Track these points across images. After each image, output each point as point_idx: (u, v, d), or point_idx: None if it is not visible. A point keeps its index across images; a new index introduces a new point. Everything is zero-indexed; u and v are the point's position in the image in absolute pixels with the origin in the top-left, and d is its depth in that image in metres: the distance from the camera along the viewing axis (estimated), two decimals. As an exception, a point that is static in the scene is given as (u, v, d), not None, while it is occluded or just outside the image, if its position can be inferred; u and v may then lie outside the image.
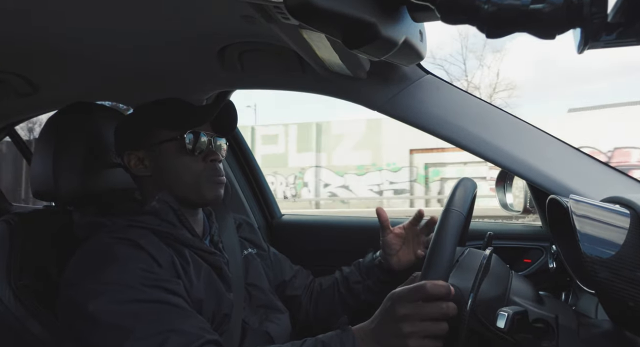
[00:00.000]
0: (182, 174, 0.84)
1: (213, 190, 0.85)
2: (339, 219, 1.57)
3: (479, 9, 0.40)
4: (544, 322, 0.67)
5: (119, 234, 0.76)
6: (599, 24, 0.37)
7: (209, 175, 0.85)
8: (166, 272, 0.74)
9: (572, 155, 0.85)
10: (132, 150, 0.86)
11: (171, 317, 0.68)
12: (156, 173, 0.85)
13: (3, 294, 0.81)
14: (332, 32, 0.52)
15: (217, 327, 0.79)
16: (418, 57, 0.75)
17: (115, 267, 0.71)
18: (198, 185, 0.84)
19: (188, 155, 0.84)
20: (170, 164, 0.84)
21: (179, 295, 0.72)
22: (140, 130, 0.87)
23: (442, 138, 0.87)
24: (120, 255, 0.72)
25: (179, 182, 0.84)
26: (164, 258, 0.75)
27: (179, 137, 0.83)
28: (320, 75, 0.92)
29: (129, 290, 0.68)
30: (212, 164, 0.86)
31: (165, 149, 0.84)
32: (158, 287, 0.70)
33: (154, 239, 0.78)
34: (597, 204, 0.62)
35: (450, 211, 0.71)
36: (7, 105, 1.25)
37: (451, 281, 0.70)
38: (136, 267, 0.71)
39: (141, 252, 0.74)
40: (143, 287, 0.69)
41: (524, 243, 1.20)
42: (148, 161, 0.85)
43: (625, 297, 0.53)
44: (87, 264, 0.74)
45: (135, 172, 0.87)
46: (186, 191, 0.84)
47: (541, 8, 0.38)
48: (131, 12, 0.77)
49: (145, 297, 0.68)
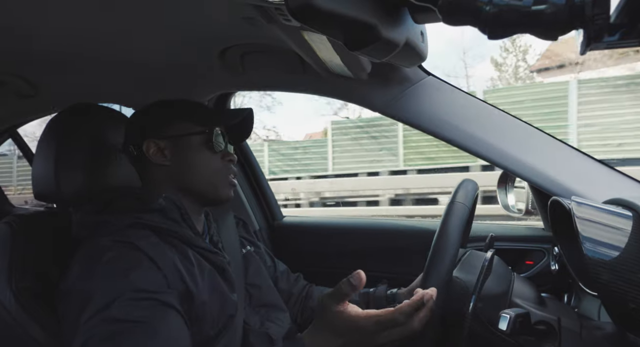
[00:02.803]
0: (202, 168, 0.86)
1: (227, 189, 0.88)
2: (340, 221, 1.57)
3: (480, 10, 0.40)
4: (546, 325, 0.66)
5: (119, 237, 0.75)
6: (601, 25, 0.37)
7: (226, 174, 0.88)
8: (165, 278, 0.72)
9: (574, 156, 0.85)
10: (155, 139, 0.86)
11: (149, 338, 0.66)
12: (175, 164, 0.86)
13: (3, 297, 0.81)
14: (334, 34, 0.51)
15: (222, 330, 0.78)
16: (419, 59, 0.75)
17: (107, 275, 0.70)
18: (215, 182, 0.87)
19: (210, 152, 0.86)
20: (192, 157, 0.86)
21: (170, 305, 0.70)
22: (166, 121, 0.87)
23: (444, 140, 0.87)
24: (115, 261, 0.71)
25: (197, 177, 0.86)
26: (165, 261, 0.74)
27: (207, 131, 0.86)
28: (321, 77, 0.92)
29: (115, 306, 0.66)
30: (228, 164, 0.89)
31: (190, 141, 0.86)
32: (148, 299, 0.69)
33: (155, 240, 0.77)
34: (599, 206, 0.62)
35: (455, 203, 0.72)
36: (9, 107, 1.26)
37: (455, 274, 0.70)
38: (129, 277, 0.69)
39: (140, 256, 0.72)
40: (130, 303, 0.67)
41: (526, 245, 1.19)
42: (169, 152, 0.86)
43: (628, 299, 0.53)
44: (82, 269, 0.73)
45: (154, 160, 0.86)
46: (203, 186, 0.86)
47: (543, 9, 0.38)
48: (132, 14, 0.78)
49: (129, 316, 0.66)
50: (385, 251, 1.33)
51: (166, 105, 0.91)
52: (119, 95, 1.23)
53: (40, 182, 0.92)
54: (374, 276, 1.18)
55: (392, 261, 1.31)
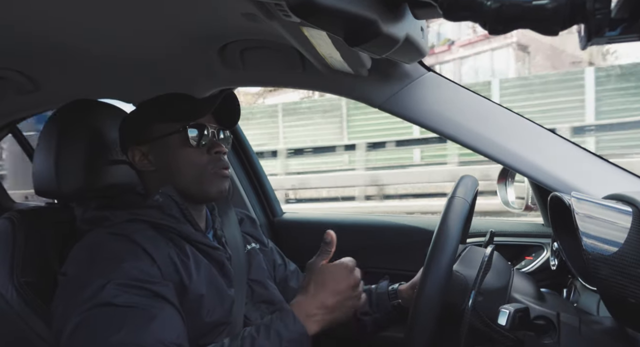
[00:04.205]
0: (186, 167, 0.84)
1: (217, 184, 0.85)
2: (340, 217, 1.57)
3: (481, 5, 0.40)
4: (545, 320, 0.67)
5: (115, 229, 0.77)
6: (602, 19, 0.37)
7: (213, 167, 0.84)
8: (159, 269, 0.74)
9: (573, 152, 0.85)
10: (136, 145, 0.86)
11: (140, 325, 0.67)
12: (160, 168, 0.85)
13: (6, 292, 0.81)
14: (334, 30, 0.51)
15: (219, 323, 0.79)
16: (419, 55, 0.75)
17: (102, 264, 0.71)
18: (201, 178, 0.84)
19: (192, 148, 0.84)
20: (174, 157, 0.84)
21: (163, 297, 0.71)
22: (143, 125, 0.87)
23: (444, 136, 0.87)
24: (111, 252, 0.73)
25: (182, 176, 0.84)
26: (160, 253, 0.75)
27: (181, 129, 0.83)
28: (321, 73, 0.92)
29: (108, 291, 0.68)
30: (216, 156, 0.85)
31: (169, 142, 0.84)
32: (141, 288, 0.70)
33: (151, 233, 0.78)
34: (598, 202, 0.62)
35: (455, 197, 0.72)
36: (9, 102, 1.25)
37: (456, 268, 0.70)
38: (124, 266, 0.71)
39: (135, 248, 0.74)
40: (123, 289, 0.69)
41: (525, 240, 1.20)
42: (152, 156, 0.85)
43: (627, 294, 0.53)
44: (78, 259, 0.75)
45: (140, 167, 0.87)
46: (189, 185, 0.84)
47: (544, 4, 0.38)
48: (132, 9, 0.77)
49: (121, 301, 0.68)
50: (386, 247, 1.34)
51: (144, 107, 0.89)
52: (119, 92, 1.23)
53: (40, 178, 0.92)
54: (375, 272, 1.18)
55: (393, 257, 1.31)
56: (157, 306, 0.70)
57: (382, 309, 0.99)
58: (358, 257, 1.09)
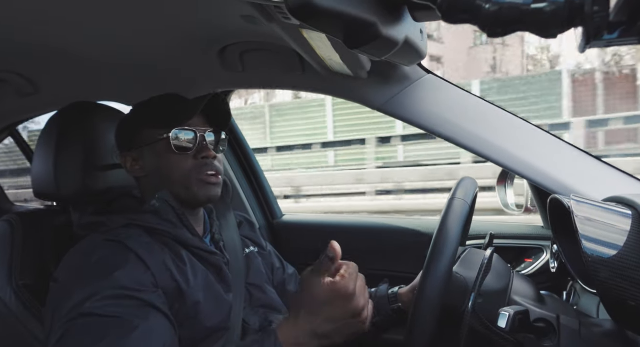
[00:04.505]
0: (172, 173, 0.82)
1: (204, 189, 0.83)
2: (340, 220, 1.57)
3: (480, 8, 0.40)
4: (545, 322, 0.67)
5: (110, 236, 0.76)
6: (600, 22, 0.37)
7: (198, 173, 0.82)
8: (153, 276, 0.73)
9: (573, 154, 0.85)
10: (127, 152, 0.86)
11: (122, 335, 0.66)
12: (151, 173, 0.85)
13: (4, 294, 0.81)
14: (333, 32, 0.51)
15: (218, 329, 0.78)
16: (419, 57, 0.75)
17: (92, 273, 0.71)
18: (188, 184, 0.82)
19: (177, 154, 0.82)
20: (162, 163, 0.83)
21: (152, 305, 0.70)
22: (132, 132, 0.86)
23: (443, 138, 0.87)
24: (102, 259, 0.72)
25: (171, 182, 0.83)
26: (154, 260, 0.75)
27: (165, 136, 0.81)
28: (320, 75, 0.92)
29: (93, 302, 0.67)
30: (202, 161, 0.83)
31: (155, 149, 0.83)
32: (130, 297, 0.69)
33: (146, 239, 0.77)
34: (598, 204, 0.62)
35: (455, 199, 0.72)
36: (9, 105, 1.26)
37: (455, 270, 0.70)
38: (114, 275, 0.70)
39: (128, 255, 0.73)
40: (110, 300, 0.68)
41: (525, 242, 1.19)
42: (143, 162, 0.85)
43: (627, 297, 0.53)
44: (69, 265, 0.75)
45: (132, 173, 0.87)
46: (179, 191, 0.83)
47: (543, 7, 0.38)
48: (132, 12, 0.77)
49: (106, 311, 0.67)
50: (385, 249, 1.33)
51: (134, 112, 0.89)
52: (118, 94, 1.23)
53: (39, 181, 0.92)
54: (375, 275, 1.18)
55: (392, 260, 1.30)
56: (142, 315, 0.68)
57: (382, 313, 0.98)
58: (358, 260, 1.09)
